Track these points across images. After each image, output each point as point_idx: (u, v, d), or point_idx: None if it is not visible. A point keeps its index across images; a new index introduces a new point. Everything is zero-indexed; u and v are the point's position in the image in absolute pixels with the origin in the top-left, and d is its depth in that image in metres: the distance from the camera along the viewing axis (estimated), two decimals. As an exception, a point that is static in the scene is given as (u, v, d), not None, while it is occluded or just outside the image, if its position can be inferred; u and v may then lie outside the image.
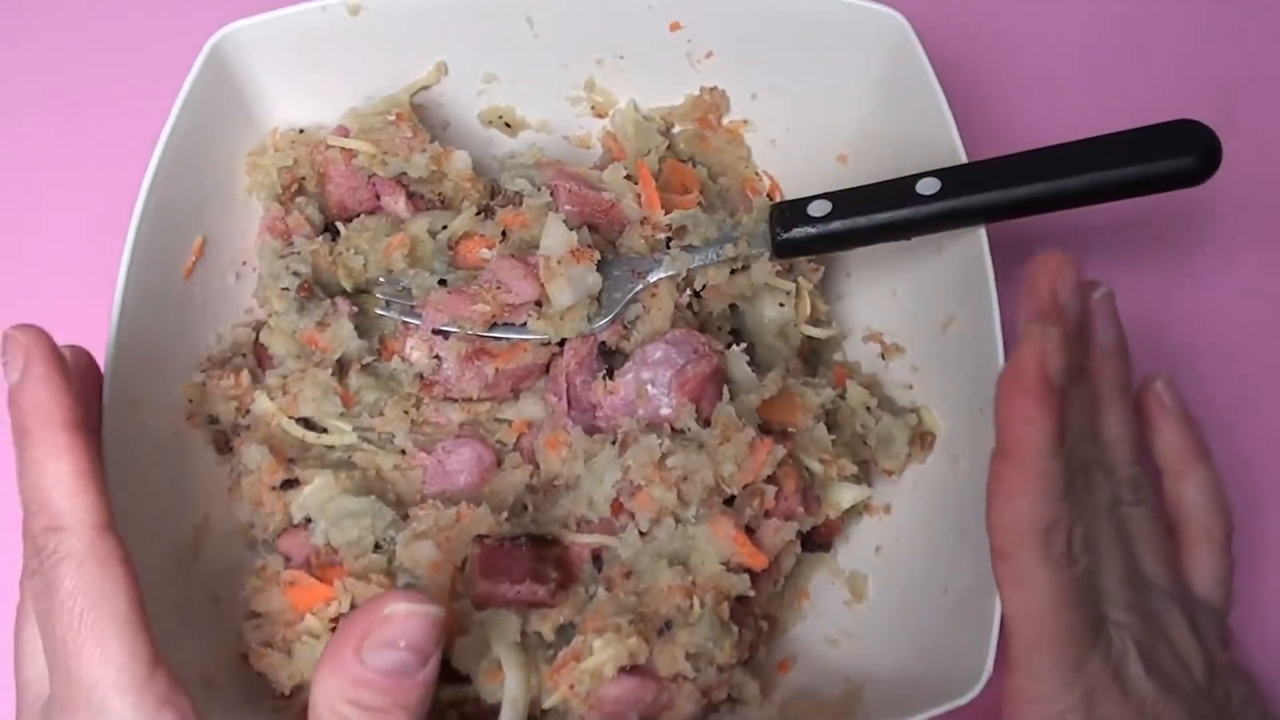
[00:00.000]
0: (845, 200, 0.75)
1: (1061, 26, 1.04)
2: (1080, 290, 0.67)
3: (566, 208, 0.83)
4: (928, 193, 0.73)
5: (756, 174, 0.92)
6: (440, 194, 0.87)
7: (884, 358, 0.86)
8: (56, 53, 1.04)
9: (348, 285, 0.83)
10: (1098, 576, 0.65)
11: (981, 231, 0.74)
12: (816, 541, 0.81)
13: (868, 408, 0.81)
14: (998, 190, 0.71)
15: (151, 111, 0.78)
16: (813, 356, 0.88)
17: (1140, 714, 0.64)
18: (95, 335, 0.72)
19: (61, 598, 0.57)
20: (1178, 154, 0.68)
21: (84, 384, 0.67)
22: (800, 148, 0.90)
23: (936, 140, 0.78)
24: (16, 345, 0.60)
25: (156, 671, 0.59)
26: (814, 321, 0.85)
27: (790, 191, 0.90)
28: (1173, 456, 0.76)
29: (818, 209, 0.76)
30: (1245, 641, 0.84)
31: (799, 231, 0.76)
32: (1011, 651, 0.64)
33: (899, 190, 0.74)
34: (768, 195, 0.91)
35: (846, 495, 0.78)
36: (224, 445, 0.81)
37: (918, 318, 0.83)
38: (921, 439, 0.80)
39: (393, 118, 0.84)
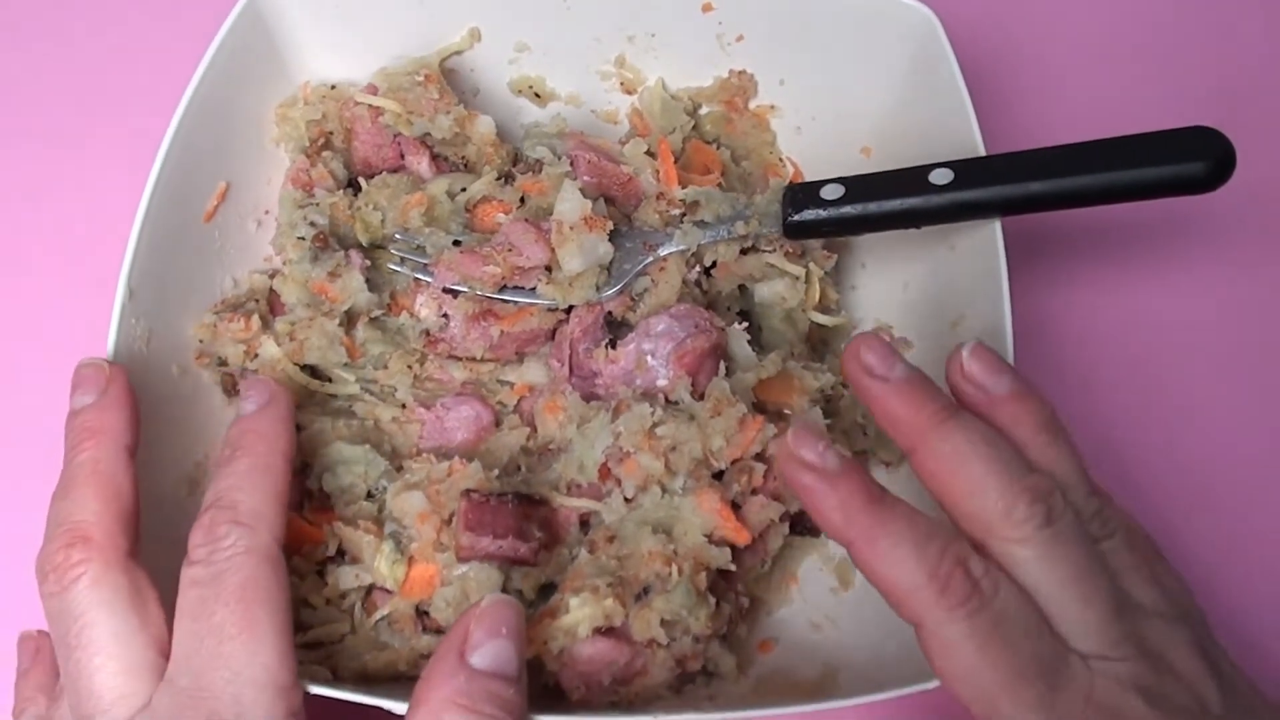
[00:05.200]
0: (858, 185, 0.76)
1: (1091, 24, 1.03)
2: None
3: (584, 178, 0.84)
4: (940, 183, 0.73)
5: (780, 160, 0.92)
6: (463, 157, 0.88)
7: (891, 350, 0.85)
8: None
9: (364, 240, 0.84)
10: (1069, 611, 0.60)
11: (998, 234, 0.74)
12: (807, 526, 0.81)
13: (869, 397, 0.81)
14: (1009, 184, 0.71)
15: (187, 58, 0.79)
16: (821, 344, 0.88)
17: None
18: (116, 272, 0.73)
19: (231, 586, 0.60)
20: (1190, 159, 0.67)
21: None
22: (825, 136, 0.90)
23: (959, 136, 0.78)
24: (262, 383, 0.71)
25: (295, 687, 0.62)
26: (824, 309, 0.85)
27: (813, 179, 0.90)
28: None
29: (830, 192, 0.76)
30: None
31: (810, 213, 0.76)
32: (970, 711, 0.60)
33: (912, 178, 0.74)
34: (790, 182, 0.91)
35: (839, 481, 0.78)
36: (231, 388, 0.82)
37: (928, 314, 0.83)
38: (921, 433, 0.80)
39: (421, 79, 0.85)
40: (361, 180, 0.87)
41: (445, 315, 0.83)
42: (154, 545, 0.73)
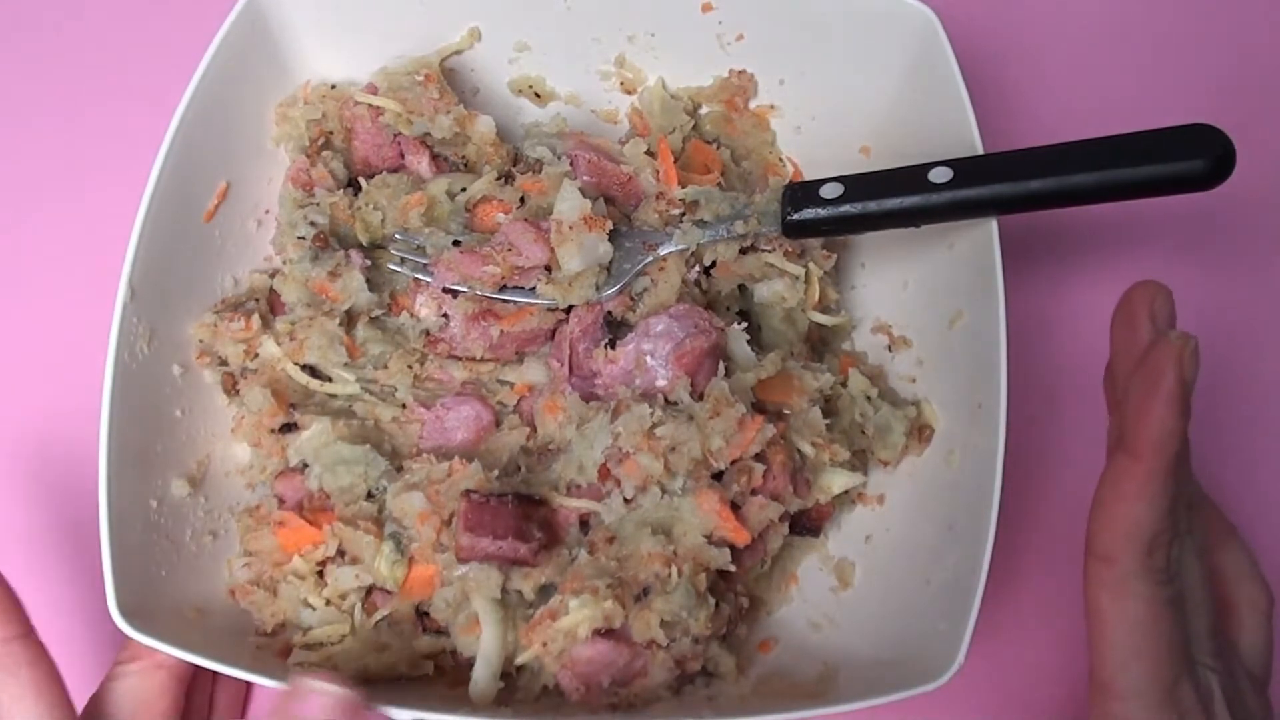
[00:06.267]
0: (857, 184, 0.76)
1: (1090, 22, 1.03)
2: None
3: (584, 177, 0.84)
4: (939, 181, 0.72)
5: (780, 159, 0.92)
6: (463, 157, 0.88)
7: (891, 350, 0.85)
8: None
9: (364, 240, 0.84)
10: (1188, 617, 0.65)
11: (994, 232, 0.74)
12: (807, 526, 0.81)
13: (868, 397, 0.81)
14: (1008, 183, 0.71)
15: (187, 58, 0.79)
16: (820, 344, 0.88)
17: None
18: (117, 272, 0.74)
19: None
20: (1190, 157, 0.67)
21: None
22: (825, 136, 0.90)
23: (958, 135, 0.78)
24: None
25: None
26: (823, 308, 0.85)
27: (813, 179, 0.90)
28: (1204, 533, 0.74)
29: (829, 191, 0.76)
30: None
31: (809, 212, 0.76)
32: (1103, 670, 0.63)
33: (911, 177, 0.74)
34: (789, 181, 0.91)
35: (838, 480, 0.78)
36: (232, 388, 0.82)
37: (927, 312, 0.83)
38: (919, 432, 0.80)
39: (421, 78, 0.85)
40: (361, 180, 0.87)
41: (445, 315, 0.83)
42: (158, 543, 0.74)
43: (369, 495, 0.78)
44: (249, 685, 0.84)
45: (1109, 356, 0.67)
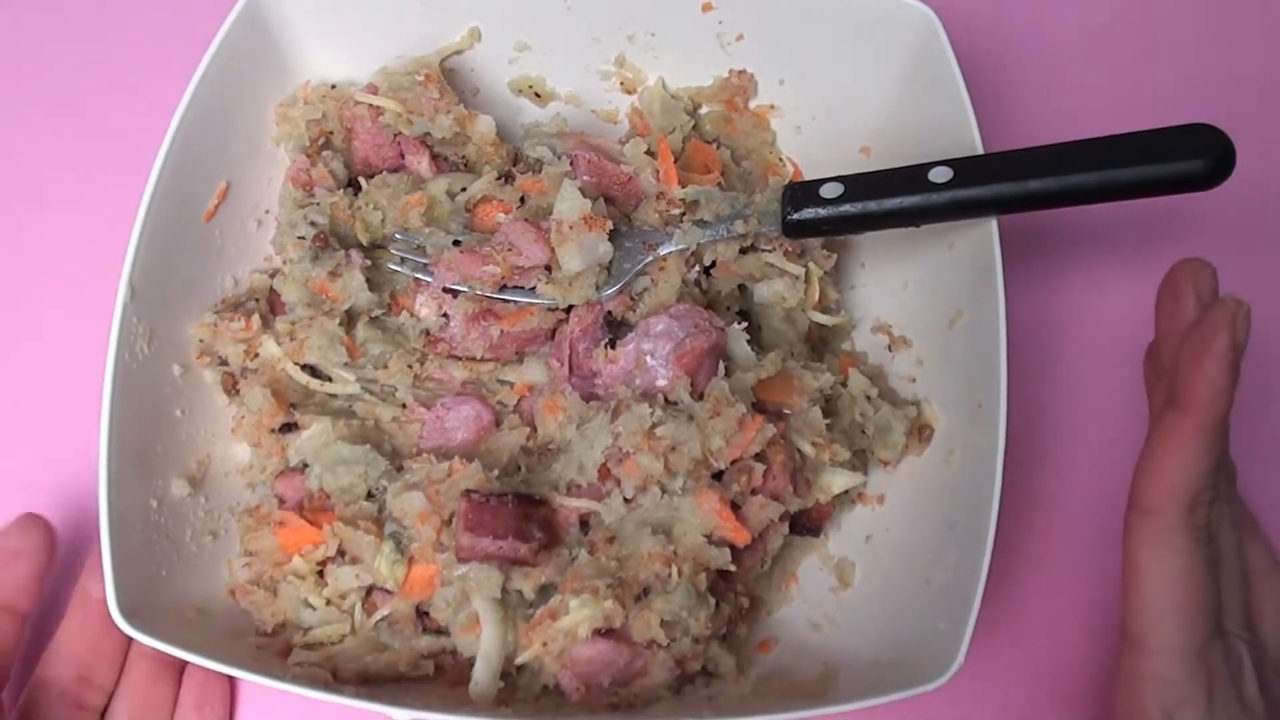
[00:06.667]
0: (857, 184, 0.76)
1: (1090, 22, 1.03)
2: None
3: (584, 177, 0.84)
4: (939, 181, 0.72)
5: (780, 159, 0.92)
6: (464, 157, 0.88)
7: (891, 350, 0.85)
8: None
9: (364, 239, 0.84)
10: (1222, 584, 0.66)
11: (994, 232, 0.74)
12: (807, 526, 0.81)
13: (868, 397, 0.81)
14: (1008, 183, 0.71)
15: (187, 58, 0.79)
16: (820, 344, 0.88)
17: None
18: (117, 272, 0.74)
19: None
20: (1190, 157, 0.67)
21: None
22: (825, 136, 0.90)
23: (958, 134, 0.78)
24: None
25: None
26: (823, 309, 0.85)
27: (813, 178, 0.90)
28: (1238, 508, 0.75)
29: (830, 191, 0.76)
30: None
31: (810, 212, 0.76)
32: (1136, 625, 0.64)
33: (911, 177, 0.74)
34: (789, 181, 0.91)
35: (838, 480, 0.78)
36: (232, 388, 0.82)
37: (927, 312, 0.83)
38: (920, 432, 0.80)
39: (421, 78, 0.85)
40: (361, 180, 0.87)
41: (445, 315, 0.83)
42: (158, 543, 0.74)
43: (369, 495, 0.78)
44: (232, 682, 0.83)
45: (1154, 335, 0.69)
